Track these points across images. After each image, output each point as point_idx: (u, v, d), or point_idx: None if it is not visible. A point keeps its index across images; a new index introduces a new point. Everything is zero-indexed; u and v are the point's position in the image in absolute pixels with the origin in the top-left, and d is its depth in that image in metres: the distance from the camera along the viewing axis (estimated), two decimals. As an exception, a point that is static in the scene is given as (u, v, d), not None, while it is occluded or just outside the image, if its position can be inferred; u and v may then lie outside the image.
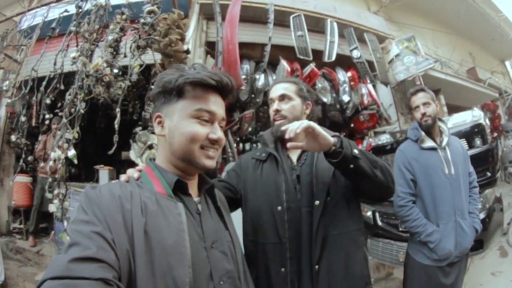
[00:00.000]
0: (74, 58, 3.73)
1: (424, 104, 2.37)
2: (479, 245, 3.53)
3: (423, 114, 2.35)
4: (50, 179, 3.55)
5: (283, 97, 1.61)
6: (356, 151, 1.29)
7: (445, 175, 2.29)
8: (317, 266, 1.38)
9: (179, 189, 0.99)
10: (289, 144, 1.31)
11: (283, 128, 1.31)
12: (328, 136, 1.26)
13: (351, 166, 1.28)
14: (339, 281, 1.38)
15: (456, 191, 2.28)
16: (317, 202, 1.42)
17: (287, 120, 1.56)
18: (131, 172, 1.07)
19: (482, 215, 3.57)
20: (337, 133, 1.35)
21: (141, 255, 0.80)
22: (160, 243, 0.84)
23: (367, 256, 1.52)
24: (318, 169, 1.49)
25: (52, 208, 3.45)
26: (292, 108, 1.61)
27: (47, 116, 4.53)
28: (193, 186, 1.08)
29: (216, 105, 1.02)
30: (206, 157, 1.00)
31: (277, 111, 1.60)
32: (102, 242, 0.74)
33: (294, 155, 1.61)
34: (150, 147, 3.62)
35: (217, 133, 1.01)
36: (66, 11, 4.80)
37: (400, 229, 4.16)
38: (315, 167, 1.50)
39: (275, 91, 1.64)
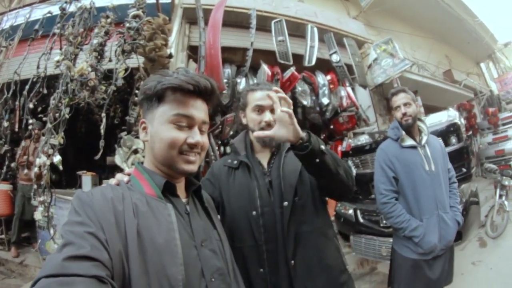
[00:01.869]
0: (57, 61, 3.68)
1: (405, 104, 2.43)
2: (458, 236, 3.66)
3: (404, 114, 2.41)
4: (35, 186, 3.45)
5: (274, 108, 1.56)
6: (323, 146, 1.33)
7: (425, 171, 2.37)
8: (293, 262, 1.44)
9: (168, 191, 1.01)
10: (255, 133, 1.34)
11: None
12: (299, 128, 1.28)
13: (317, 160, 1.31)
14: (316, 273, 1.45)
15: (437, 186, 2.36)
16: (285, 203, 1.48)
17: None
18: (121, 176, 1.08)
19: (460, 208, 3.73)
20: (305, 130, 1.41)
21: (134, 255, 0.81)
22: (152, 242, 0.85)
23: (339, 246, 1.60)
24: (284, 172, 1.55)
25: (37, 216, 3.38)
26: None
27: (30, 121, 4.36)
28: (181, 188, 1.10)
29: (196, 109, 1.02)
30: (185, 162, 1.01)
31: (269, 123, 1.55)
32: (95, 242, 0.75)
33: (264, 160, 1.64)
34: (136, 151, 3.56)
35: (195, 137, 1.01)
36: (49, 12, 4.73)
37: (381, 225, 4.28)
38: (282, 170, 1.55)
39: (266, 100, 1.59)
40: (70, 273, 0.67)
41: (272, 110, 1.59)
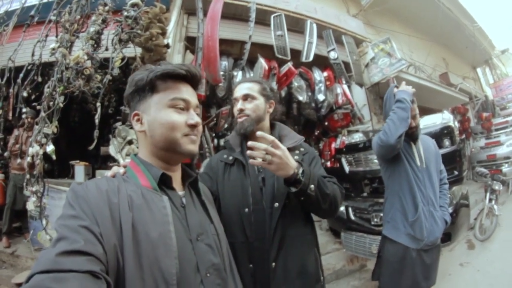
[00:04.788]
0: (53, 49, 3.58)
1: (416, 115, 2.40)
2: (447, 237, 3.74)
3: (414, 127, 2.38)
4: (28, 176, 3.38)
5: (246, 97, 1.66)
6: (312, 186, 1.35)
7: (416, 166, 2.39)
8: (273, 264, 1.46)
9: (163, 183, 1.01)
10: (251, 162, 1.33)
11: (250, 143, 1.33)
12: (288, 167, 1.32)
13: (302, 198, 1.37)
14: (293, 278, 1.46)
15: (426, 182, 2.39)
16: (276, 204, 1.49)
17: (250, 118, 1.64)
18: (117, 168, 1.08)
19: (450, 210, 3.75)
20: (300, 163, 1.40)
21: (129, 249, 0.81)
22: (147, 235, 0.85)
23: (318, 256, 1.61)
24: None
25: (30, 206, 3.32)
26: (255, 107, 1.66)
27: (24, 109, 4.31)
28: (177, 180, 1.10)
29: (189, 93, 1.06)
30: (190, 142, 1.03)
31: (241, 110, 1.65)
32: (89, 236, 0.75)
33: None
34: (130, 142, 3.57)
35: (195, 118, 1.04)
36: (46, -3, 4.68)
37: (372, 222, 4.35)
38: None
39: (239, 91, 1.69)
40: (64, 269, 0.66)
41: (245, 99, 1.67)
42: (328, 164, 6.76)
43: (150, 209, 0.91)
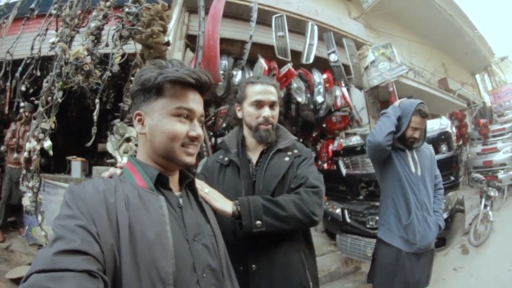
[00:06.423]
0: (53, 43, 3.56)
1: (421, 129, 2.47)
2: (441, 242, 3.78)
3: (414, 138, 2.45)
4: (24, 171, 3.33)
5: (273, 104, 1.62)
6: (258, 223, 1.33)
7: (412, 173, 2.43)
8: (254, 266, 1.46)
9: (160, 184, 1.01)
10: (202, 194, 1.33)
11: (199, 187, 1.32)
12: (222, 208, 1.32)
13: (254, 231, 1.34)
14: (276, 282, 1.45)
15: (422, 189, 2.42)
16: None
17: (273, 126, 1.62)
18: (113, 169, 1.09)
19: (445, 215, 3.77)
20: (238, 201, 1.39)
21: (126, 248, 0.81)
22: (143, 235, 0.85)
23: (304, 261, 1.55)
24: (266, 175, 1.55)
25: (26, 201, 3.28)
26: (277, 114, 1.65)
27: (21, 104, 4.21)
28: (174, 181, 1.10)
29: (195, 102, 1.03)
30: (186, 154, 1.02)
31: (268, 118, 1.59)
32: (86, 236, 0.75)
33: (254, 158, 1.65)
34: (128, 139, 3.54)
35: (197, 130, 1.03)
36: (47, -9, 4.63)
37: (368, 226, 4.37)
38: (264, 173, 1.55)
39: (266, 95, 1.61)
40: (61, 268, 0.66)
41: (271, 106, 1.60)
42: (325, 166, 6.77)
43: (146, 209, 0.91)
